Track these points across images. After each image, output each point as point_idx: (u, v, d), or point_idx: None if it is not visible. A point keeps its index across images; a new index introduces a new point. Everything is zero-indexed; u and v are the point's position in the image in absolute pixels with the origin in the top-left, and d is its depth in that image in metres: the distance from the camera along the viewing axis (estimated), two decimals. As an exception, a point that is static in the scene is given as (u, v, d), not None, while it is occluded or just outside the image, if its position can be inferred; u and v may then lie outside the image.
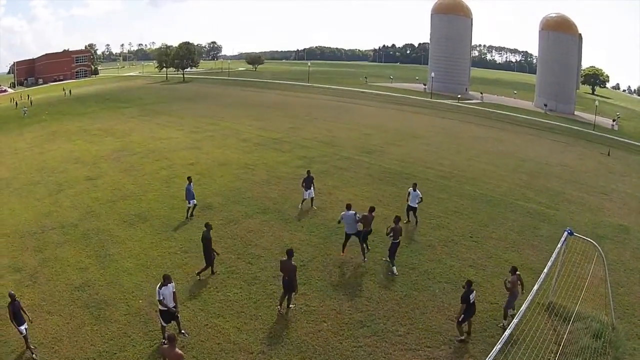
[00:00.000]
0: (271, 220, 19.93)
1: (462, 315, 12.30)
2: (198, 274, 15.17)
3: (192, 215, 20.28)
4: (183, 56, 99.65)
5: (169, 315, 11.95)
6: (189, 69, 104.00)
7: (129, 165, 28.54)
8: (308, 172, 22.00)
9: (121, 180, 25.41)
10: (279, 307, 13.53)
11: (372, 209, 17.05)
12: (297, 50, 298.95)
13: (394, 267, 15.98)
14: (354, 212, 16.79)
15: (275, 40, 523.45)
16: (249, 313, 13.51)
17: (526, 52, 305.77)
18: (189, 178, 20.69)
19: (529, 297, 10.37)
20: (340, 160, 31.10)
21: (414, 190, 20.11)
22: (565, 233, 13.26)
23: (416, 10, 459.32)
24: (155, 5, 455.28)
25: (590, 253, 14.75)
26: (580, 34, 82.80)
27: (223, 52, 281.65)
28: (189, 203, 20.20)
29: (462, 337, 12.52)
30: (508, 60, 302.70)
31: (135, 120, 45.09)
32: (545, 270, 11.61)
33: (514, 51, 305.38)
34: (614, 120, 72.16)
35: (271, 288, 14.75)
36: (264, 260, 16.56)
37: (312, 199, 21.65)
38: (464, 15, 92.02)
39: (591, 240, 13.66)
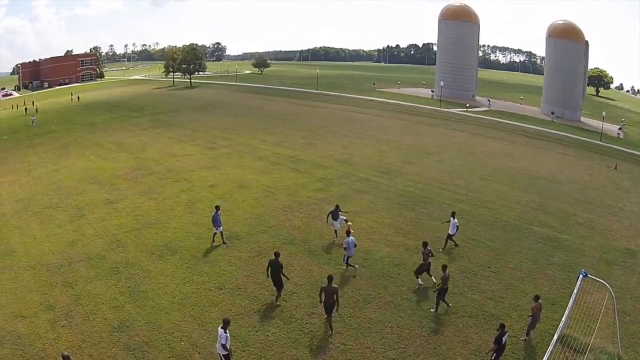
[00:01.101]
0: (299, 253, 20.21)
1: (494, 354, 13.22)
2: (276, 299, 16.44)
3: (223, 242, 20.94)
4: (190, 61, 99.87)
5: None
6: (195, 74, 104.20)
7: (148, 187, 28.79)
8: (337, 206, 22.29)
9: (142, 205, 25.65)
10: (330, 331, 15.00)
11: None
12: (301, 50, 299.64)
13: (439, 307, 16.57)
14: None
15: (279, 40, 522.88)
16: (289, 354, 13.96)
17: (530, 52, 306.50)
18: (216, 207, 21.32)
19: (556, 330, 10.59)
20: (359, 182, 31.36)
21: (453, 218, 21.15)
22: (581, 276, 14.07)
23: (420, 11, 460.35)
24: (157, 4, 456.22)
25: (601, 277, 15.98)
26: (587, 41, 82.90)
27: (227, 53, 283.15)
28: (216, 230, 20.78)
29: None
30: (512, 60, 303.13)
31: (148, 133, 45.35)
32: (565, 315, 12.74)
33: (518, 51, 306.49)
34: (619, 129, 72.34)
35: (308, 327, 15.27)
36: (297, 296, 16.91)
37: (336, 231, 21.92)
38: (472, 22, 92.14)
39: (603, 281, 14.60)
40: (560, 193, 32.02)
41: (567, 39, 79.78)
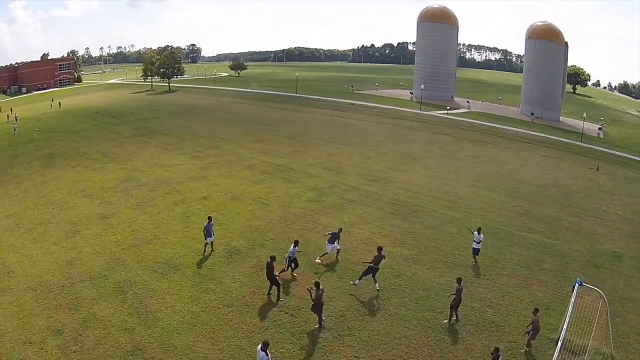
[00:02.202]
0: (301, 267, 20.42)
1: None
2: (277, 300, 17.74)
3: (212, 250, 21.56)
4: (169, 65, 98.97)
5: None
6: (174, 78, 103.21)
7: (140, 200, 28.60)
8: (340, 229, 22.29)
9: (137, 220, 25.50)
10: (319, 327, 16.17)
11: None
12: (276, 51, 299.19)
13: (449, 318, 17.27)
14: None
15: (254, 41, 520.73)
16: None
17: (505, 50, 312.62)
18: (209, 217, 21.81)
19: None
20: (349, 191, 31.77)
21: (479, 233, 21.69)
22: (577, 285, 15.10)
23: (395, 10, 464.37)
24: (134, 5, 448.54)
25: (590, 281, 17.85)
26: (566, 42, 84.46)
27: (202, 54, 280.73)
28: (207, 240, 21.36)
29: None
30: (487, 58, 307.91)
31: (132, 142, 44.80)
32: (564, 326, 13.58)
33: (494, 49, 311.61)
34: (599, 128, 74.35)
35: (321, 342, 15.74)
36: (305, 311, 17.19)
37: (338, 250, 21.80)
38: (451, 23, 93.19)
39: (598, 290, 15.70)
40: (546, 198, 33.15)
41: (547, 40, 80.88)
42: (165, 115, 60.95)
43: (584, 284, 15.39)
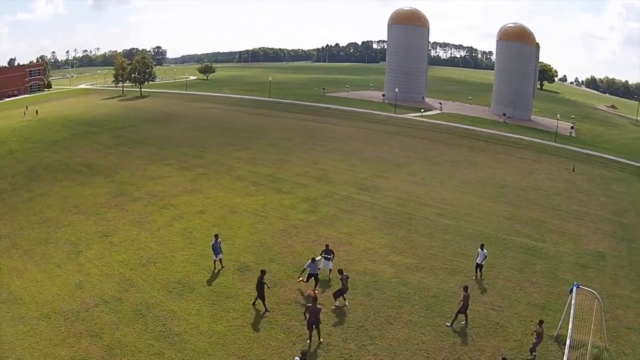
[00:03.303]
0: (311, 280, 20.40)
1: None
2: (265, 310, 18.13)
3: (222, 267, 21.64)
4: (140, 70, 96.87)
5: None
6: (146, 83, 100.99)
7: (137, 216, 28.05)
8: (327, 245, 21.91)
9: (138, 237, 25.01)
10: (308, 341, 16.34)
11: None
12: (241, 52, 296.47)
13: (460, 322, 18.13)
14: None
15: (217, 42, 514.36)
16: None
17: (471, 47, 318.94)
18: (216, 235, 21.86)
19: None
20: (342, 201, 32.14)
21: (482, 249, 22.11)
22: (575, 288, 16.60)
23: (359, 9, 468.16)
24: (99, 8, 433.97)
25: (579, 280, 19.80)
26: (537, 43, 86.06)
27: (167, 56, 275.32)
28: (216, 257, 21.44)
29: None
30: (453, 56, 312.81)
31: (115, 152, 43.60)
32: (570, 326, 14.79)
33: (459, 47, 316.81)
34: (571, 127, 76.75)
35: (347, 352, 16.27)
36: (326, 324, 17.57)
37: (330, 270, 21.42)
38: (422, 26, 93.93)
39: (593, 291, 17.15)
40: (528, 201, 34.50)
41: (519, 41, 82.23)
42: (142, 122, 59.56)
43: (580, 286, 16.87)
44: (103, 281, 20.39)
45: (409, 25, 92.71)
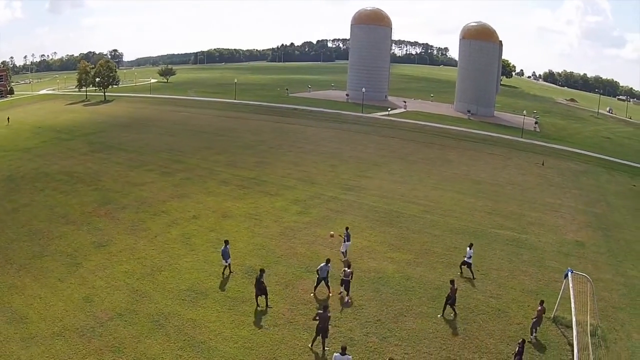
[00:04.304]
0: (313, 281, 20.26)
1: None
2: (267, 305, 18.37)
3: (230, 272, 21.34)
4: (104, 74, 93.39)
5: None
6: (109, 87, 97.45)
7: (130, 224, 26.99)
8: (346, 228, 24.17)
9: (137, 246, 24.06)
10: (310, 345, 16.15)
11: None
12: (197, 53, 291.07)
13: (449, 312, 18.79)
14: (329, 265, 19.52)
15: (173, 43, 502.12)
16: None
17: (427, 44, 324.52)
18: (225, 241, 21.69)
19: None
20: (331, 201, 32.24)
21: (470, 248, 22.59)
22: (569, 273, 17.89)
23: (313, 8, 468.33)
24: (56, 12, 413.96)
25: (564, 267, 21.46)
26: (500, 41, 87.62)
27: (124, 59, 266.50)
28: (226, 262, 21.17)
29: None
30: (408, 52, 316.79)
31: (92, 159, 41.54)
32: (573, 308, 16.46)
33: (414, 44, 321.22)
34: (535, 122, 78.96)
35: (371, 345, 16.65)
36: (344, 321, 18.06)
37: (346, 250, 23.55)
38: (384, 25, 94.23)
39: (585, 275, 18.54)
40: (505, 196, 35.74)
41: (482, 40, 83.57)
42: (112, 128, 57.21)
43: (574, 271, 18.18)
44: (111, 293, 19.48)
45: (372, 25, 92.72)
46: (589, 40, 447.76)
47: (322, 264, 19.61)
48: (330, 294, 19.65)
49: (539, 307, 17.53)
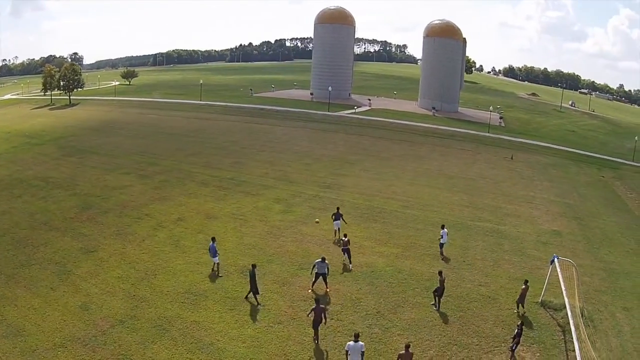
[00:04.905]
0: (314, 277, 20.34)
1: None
2: (246, 297, 18.55)
3: (218, 274, 21.00)
4: (69, 78, 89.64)
5: None
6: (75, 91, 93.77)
7: (116, 228, 26.07)
8: (337, 208, 26.41)
9: (126, 251, 23.26)
10: (316, 341, 16.28)
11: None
12: (156, 54, 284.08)
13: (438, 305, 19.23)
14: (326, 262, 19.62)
15: (130, 45, 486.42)
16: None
17: (385, 41, 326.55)
18: (212, 238, 21.56)
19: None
20: (312, 200, 32.34)
21: (443, 229, 23.96)
22: (555, 260, 18.96)
23: (269, 8, 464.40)
24: (17, 15, 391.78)
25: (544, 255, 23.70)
26: (464, 39, 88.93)
27: (84, 62, 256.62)
28: (214, 259, 21.20)
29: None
30: (367, 50, 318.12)
31: (65, 164, 39.51)
32: (564, 293, 17.35)
33: (373, 41, 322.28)
34: (500, 117, 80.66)
35: (376, 337, 16.85)
36: (346, 315, 18.24)
37: (338, 229, 25.16)
38: (348, 24, 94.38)
39: (570, 261, 19.60)
40: (479, 189, 36.84)
41: (446, 37, 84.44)
42: (82, 131, 54.79)
43: (559, 257, 19.31)
44: (108, 300, 18.78)
45: (335, 24, 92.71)
46: (549, 34, 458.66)
47: (317, 260, 19.67)
48: (328, 290, 19.72)
49: (523, 286, 18.60)
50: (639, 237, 30.35)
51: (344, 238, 22.71)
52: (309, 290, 19.70)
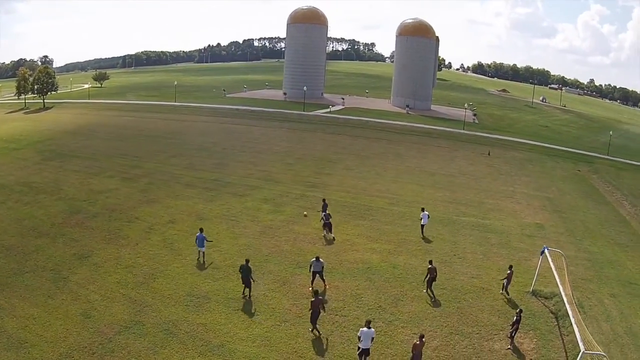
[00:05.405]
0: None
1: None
2: (244, 297, 18.61)
3: (202, 262, 21.57)
4: (43, 81, 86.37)
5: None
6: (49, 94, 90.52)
7: (107, 233, 25.26)
8: (324, 200, 28.03)
9: (121, 255, 22.61)
10: (316, 331, 16.57)
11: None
12: (125, 56, 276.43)
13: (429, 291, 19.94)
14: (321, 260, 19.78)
15: (99, 48, 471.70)
16: (389, 352, 16.15)
17: (353, 40, 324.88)
18: (200, 229, 22.42)
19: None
20: (299, 199, 32.31)
21: (423, 211, 25.58)
22: (546, 250, 19.84)
23: (237, 7, 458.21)
24: None
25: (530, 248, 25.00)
26: (437, 37, 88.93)
27: (54, 65, 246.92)
28: (199, 249, 21.88)
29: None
30: (335, 49, 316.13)
31: (47, 168, 37.62)
32: (558, 282, 17.61)
33: (341, 40, 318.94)
34: (474, 115, 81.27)
35: (380, 330, 16.96)
36: (350, 310, 18.60)
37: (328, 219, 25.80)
38: (321, 24, 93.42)
39: (560, 251, 20.42)
40: (460, 186, 37.53)
41: (419, 36, 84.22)
42: (59, 135, 52.58)
43: (548, 248, 20.22)
44: (109, 306, 18.23)
45: (308, 24, 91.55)
46: (517, 31, 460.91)
47: (312, 260, 19.76)
48: (327, 287, 19.81)
49: (509, 271, 19.60)
50: (619, 228, 31.61)
51: (323, 212, 25.73)
52: (309, 289, 19.67)
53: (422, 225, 26.02)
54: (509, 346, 16.29)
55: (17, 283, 19.83)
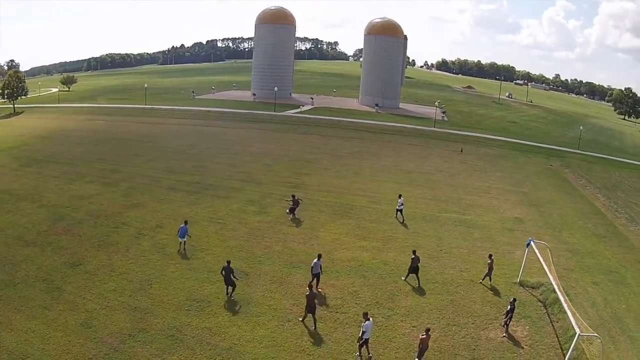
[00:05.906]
0: (308, 274, 20.33)
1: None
2: (230, 296, 18.68)
3: (181, 251, 22.64)
4: (14, 86, 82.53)
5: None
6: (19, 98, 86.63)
7: (96, 240, 24.40)
8: (293, 196, 28.97)
9: (113, 262, 21.91)
10: (302, 320, 17.15)
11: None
12: (89, 59, 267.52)
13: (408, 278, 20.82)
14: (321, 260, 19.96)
15: (63, 51, 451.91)
16: (394, 345, 16.68)
17: (317, 39, 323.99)
18: (185, 221, 23.57)
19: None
20: (284, 200, 32.00)
21: (400, 198, 27.64)
22: (532, 243, 20.73)
23: (199, 7, 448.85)
24: None
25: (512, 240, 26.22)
26: (405, 36, 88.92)
27: (20, 69, 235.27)
28: (181, 240, 22.69)
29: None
30: (298, 49, 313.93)
31: (25, 174, 35.66)
32: (548, 273, 18.83)
33: (304, 39, 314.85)
34: (443, 112, 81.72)
35: (380, 324, 17.44)
36: (349, 307, 18.87)
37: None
38: (289, 24, 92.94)
39: (545, 243, 21.44)
40: (437, 183, 38.43)
41: (387, 35, 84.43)
42: (33, 140, 50.01)
43: (535, 240, 21.16)
44: (109, 314, 17.73)
45: (277, 24, 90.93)
46: (481, 27, 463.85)
47: (315, 260, 19.79)
48: (320, 290, 19.84)
49: (489, 261, 20.50)
50: (596, 220, 33.05)
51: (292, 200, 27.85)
52: (319, 290, 19.70)
53: (397, 210, 28.16)
54: (504, 334, 16.98)
55: (11, 295, 18.92)
